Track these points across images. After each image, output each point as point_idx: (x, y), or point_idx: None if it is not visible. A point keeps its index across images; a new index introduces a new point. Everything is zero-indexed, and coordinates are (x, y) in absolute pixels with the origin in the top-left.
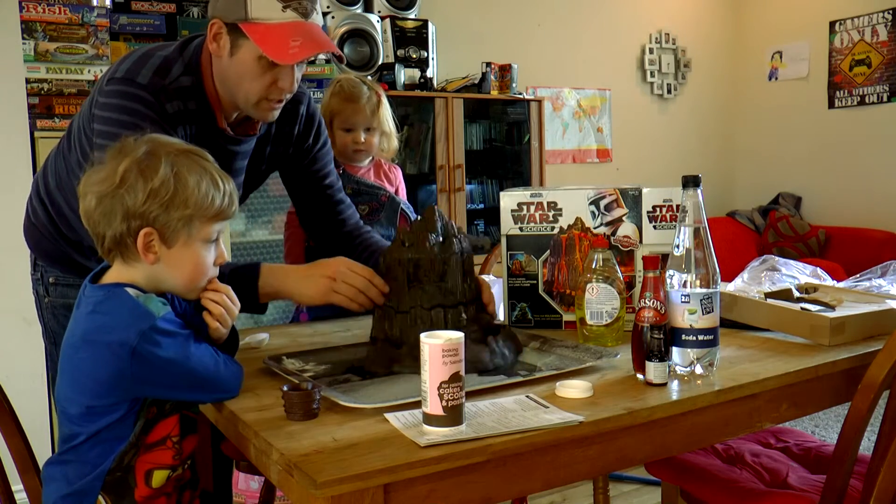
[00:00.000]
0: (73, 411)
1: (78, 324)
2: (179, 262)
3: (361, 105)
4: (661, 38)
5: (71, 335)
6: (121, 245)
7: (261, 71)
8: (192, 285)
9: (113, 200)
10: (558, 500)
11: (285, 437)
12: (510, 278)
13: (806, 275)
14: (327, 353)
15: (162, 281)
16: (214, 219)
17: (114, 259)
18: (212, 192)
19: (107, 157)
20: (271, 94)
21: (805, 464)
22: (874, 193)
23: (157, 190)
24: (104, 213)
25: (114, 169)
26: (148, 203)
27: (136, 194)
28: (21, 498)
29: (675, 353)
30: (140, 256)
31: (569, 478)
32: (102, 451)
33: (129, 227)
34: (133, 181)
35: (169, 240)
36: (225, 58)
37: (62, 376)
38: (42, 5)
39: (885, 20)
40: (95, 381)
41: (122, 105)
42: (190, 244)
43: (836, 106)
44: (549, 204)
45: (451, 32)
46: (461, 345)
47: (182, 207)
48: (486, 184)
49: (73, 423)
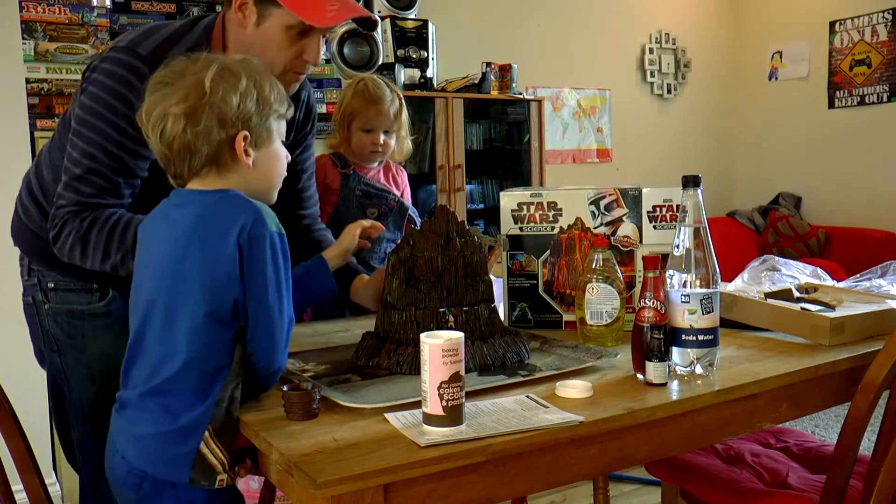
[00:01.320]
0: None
1: (180, 229)
2: (268, 162)
3: (385, 107)
4: (661, 38)
5: (174, 243)
6: (218, 157)
7: (288, 42)
8: (278, 183)
9: (209, 111)
10: (558, 500)
11: (285, 437)
12: (510, 278)
13: (806, 275)
14: (327, 353)
15: (252, 188)
16: (284, 115)
17: (207, 176)
18: (279, 89)
19: (160, 80)
20: (296, 65)
21: (805, 464)
22: (874, 193)
23: (245, 92)
24: (201, 128)
25: (194, 85)
26: (241, 106)
27: (230, 100)
28: (21, 498)
29: (675, 353)
30: (238, 163)
31: (569, 478)
32: (205, 378)
33: (227, 134)
34: (224, 91)
35: (258, 140)
36: (250, 28)
37: (160, 298)
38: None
39: (885, 20)
40: (209, 276)
41: (116, 73)
42: (272, 143)
43: (836, 106)
44: (549, 204)
45: (451, 32)
46: (461, 345)
47: (266, 106)
48: (486, 184)
49: (165, 345)
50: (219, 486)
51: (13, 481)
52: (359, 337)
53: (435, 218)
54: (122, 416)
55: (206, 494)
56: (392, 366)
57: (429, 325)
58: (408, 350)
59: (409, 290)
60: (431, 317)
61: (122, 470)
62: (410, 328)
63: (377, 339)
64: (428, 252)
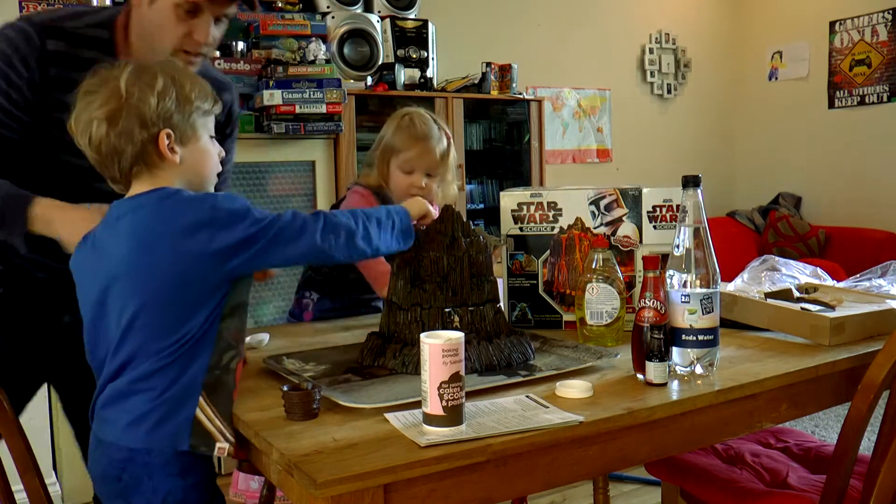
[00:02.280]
0: (156, 320)
1: (125, 237)
2: (197, 158)
3: (431, 146)
4: (661, 38)
5: (136, 244)
6: (144, 155)
7: (177, 20)
8: (211, 178)
9: (127, 113)
10: (558, 500)
11: (285, 437)
12: (510, 278)
13: (806, 275)
14: (327, 353)
15: (186, 182)
16: (210, 112)
17: (138, 176)
18: (202, 87)
19: (87, 89)
20: (187, 44)
21: (805, 464)
22: (874, 193)
23: (163, 92)
24: (122, 130)
25: (112, 90)
26: (160, 105)
27: (148, 100)
28: (21, 498)
29: (675, 353)
30: (165, 160)
31: (569, 478)
32: (191, 354)
33: (148, 133)
34: (139, 91)
35: (182, 138)
36: (145, 6)
37: (134, 288)
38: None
39: (885, 20)
40: (178, 267)
41: (3, 33)
42: (198, 139)
43: (836, 106)
44: (549, 204)
45: (451, 32)
46: (461, 345)
47: (187, 104)
48: (486, 184)
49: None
50: (218, 455)
51: (13, 481)
52: (359, 337)
53: (440, 218)
54: (113, 407)
55: (182, 485)
56: (397, 366)
57: (434, 325)
58: (413, 350)
59: (414, 290)
60: (437, 317)
61: (103, 463)
62: (416, 328)
63: (382, 338)
64: (433, 252)
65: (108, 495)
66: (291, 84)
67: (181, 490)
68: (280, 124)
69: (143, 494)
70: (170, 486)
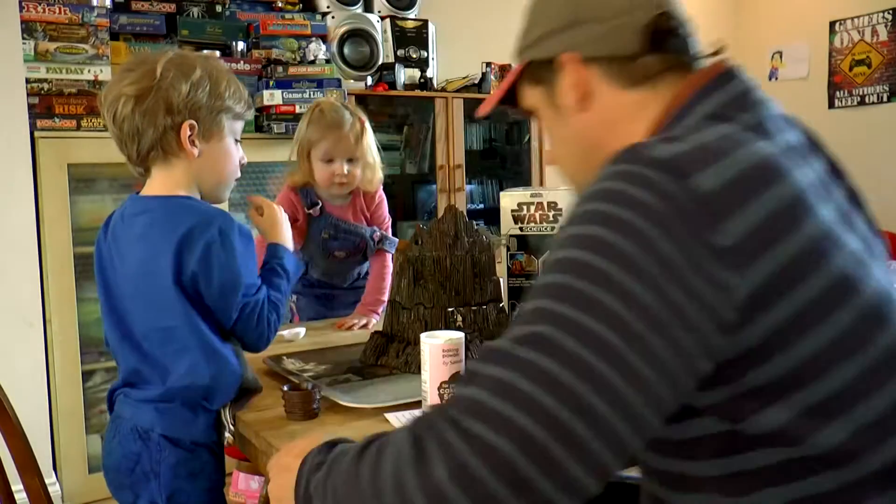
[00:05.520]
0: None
1: (134, 247)
2: (217, 157)
3: (344, 133)
4: None
5: (140, 259)
6: (163, 142)
7: None
8: (228, 181)
9: (156, 96)
10: None
11: (285, 437)
12: (510, 278)
13: None
14: (327, 353)
15: (202, 180)
16: (240, 115)
17: (153, 162)
18: (238, 89)
19: (126, 66)
20: None
21: None
22: (875, 194)
23: (196, 83)
24: (146, 110)
25: (148, 70)
26: (191, 95)
27: (179, 87)
28: (21, 498)
29: None
30: (183, 151)
31: None
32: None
33: (172, 121)
34: (174, 77)
35: (206, 133)
36: None
37: (135, 306)
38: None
39: (885, 20)
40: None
41: None
42: (223, 139)
43: (836, 106)
44: (549, 204)
45: (451, 32)
46: (461, 345)
47: (219, 100)
48: (486, 184)
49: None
50: (227, 444)
51: (13, 481)
52: (359, 336)
53: (443, 217)
54: (133, 389)
55: (190, 488)
56: (400, 365)
57: (437, 325)
58: (416, 349)
59: (417, 290)
60: (440, 316)
61: (118, 454)
62: (418, 327)
63: (385, 337)
64: (436, 251)
65: (118, 486)
66: (291, 84)
67: (186, 493)
68: (280, 124)
69: (150, 491)
70: (175, 486)
